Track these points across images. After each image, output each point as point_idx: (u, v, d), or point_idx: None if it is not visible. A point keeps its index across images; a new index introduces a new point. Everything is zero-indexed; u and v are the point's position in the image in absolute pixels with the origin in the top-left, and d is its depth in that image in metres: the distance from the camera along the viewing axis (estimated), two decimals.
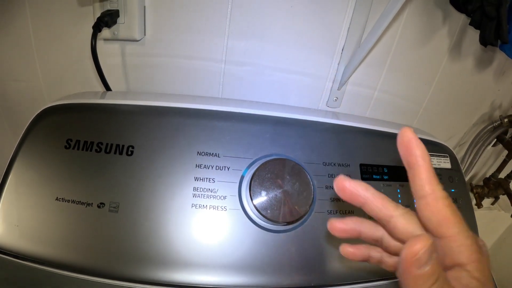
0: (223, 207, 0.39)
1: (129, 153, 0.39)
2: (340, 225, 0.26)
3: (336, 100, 0.61)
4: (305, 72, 0.60)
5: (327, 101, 0.62)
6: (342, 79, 0.58)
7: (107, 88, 0.57)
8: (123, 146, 0.39)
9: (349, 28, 0.56)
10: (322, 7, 0.53)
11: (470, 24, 0.57)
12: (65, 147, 0.39)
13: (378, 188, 0.44)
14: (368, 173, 0.44)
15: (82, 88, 0.61)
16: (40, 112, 0.41)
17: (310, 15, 0.54)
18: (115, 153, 0.39)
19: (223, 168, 0.40)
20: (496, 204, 0.92)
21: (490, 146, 0.75)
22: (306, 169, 0.41)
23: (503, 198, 0.86)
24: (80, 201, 0.37)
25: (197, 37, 0.55)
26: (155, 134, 0.40)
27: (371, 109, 0.66)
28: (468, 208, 0.53)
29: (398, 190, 0.46)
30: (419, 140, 0.23)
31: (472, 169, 0.80)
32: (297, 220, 0.38)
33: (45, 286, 0.38)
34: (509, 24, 0.58)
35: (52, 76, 0.59)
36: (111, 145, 0.39)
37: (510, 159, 0.82)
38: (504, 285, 0.98)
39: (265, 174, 0.39)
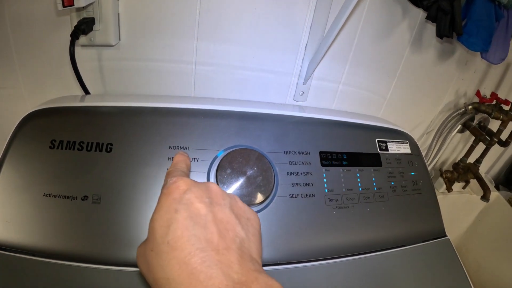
0: None
1: (108, 150, 0.44)
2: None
3: (302, 94, 0.68)
4: (272, 70, 0.66)
5: (294, 96, 0.69)
6: (307, 74, 0.65)
7: (86, 91, 0.62)
8: (102, 144, 0.44)
9: (311, 25, 0.62)
10: (285, 7, 0.60)
11: (427, 18, 0.64)
12: (50, 147, 0.44)
13: (338, 173, 0.52)
14: (327, 160, 0.51)
15: (62, 93, 0.66)
16: (25, 116, 0.46)
17: (274, 15, 0.60)
18: (95, 150, 0.44)
19: (193, 159, 0.46)
20: (468, 188, 1.00)
21: (455, 132, 0.83)
22: (268, 157, 0.47)
23: (474, 182, 0.94)
24: (66, 196, 0.42)
25: (169, 41, 0.61)
26: (131, 132, 0.46)
27: (337, 102, 0.73)
28: (429, 190, 0.60)
29: (358, 175, 0.53)
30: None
31: (440, 155, 0.88)
32: (260, 203, 0.44)
33: (38, 275, 0.42)
34: (463, 17, 0.65)
35: (32, 82, 0.64)
36: (92, 143, 0.44)
37: (477, 145, 0.90)
38: (480, 264, 1.06)
39: (229, 163, 0.45)
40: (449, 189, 0.93)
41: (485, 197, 0.88)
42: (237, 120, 0.50)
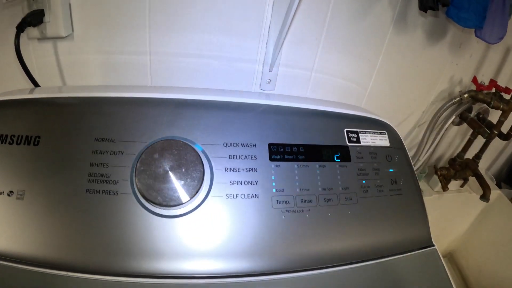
0: (114, 192, 0.36)
1: (36, 143, 0.38)
2: None
3: (269, 82, 0.56)
4: (233, 57, 0.55)
5: (260, 84, 0.57)
6: (273, 59, 0.53)
7: (36, 84, 0.54)
8: (31, 137, 0.38)
9: (273, 3, 0.50)
10: None
11: None
12: None
13: (292, 170, 0.39)
14: (278, 153, 0.39)
15: (10, 88, 0.59)
16: None
17: None
18: (24, 144, 0.38)
19: (117, 153, 0.37)
20: (466, 187, 0.85)
21: (449, 123, 0.69)
22: (201, 150, 0.36)
23: (473, 180, 0.79)
24: None
25: (121, 31, 0.52)
26: (58, 124, 0.39)
27: (311, 92, 0.60)
28: (412, 190, 0.47)
29: (318, 171, 0.40)
30: None
31: (434, 150, 0.73)
32: (183, 203, 0.33)
33: None
34: None
35: None
36: (21, 136, 0.38)
37: (475, 138, 0.75)
38: (482, 269, 0.90)
39: (151, 157, 0.34)
40: (444, 188, 0.78)
41: (484, 197, 0.73)
42: (171, 108, 0.40)
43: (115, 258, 0.35)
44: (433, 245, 0.46)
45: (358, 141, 0.45)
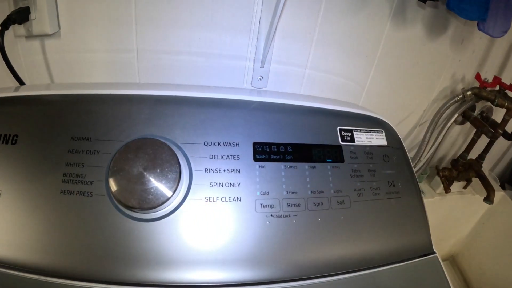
0: (89, 193, 0.34)
1: (14, 142, 0.36)
2: None
3: (261, 79, 0.53)
4: (223, 53, 0.52)
5: (252, 81, 0.54)
6: (264, 54, 0.49)
7: (21, 82, 0.52)
8: (9, 135, 0.37)
9: None
10: None
11: None
12: None
13: (278, 171, 0.36)
14: (263, 153, 0.36)
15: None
16: None
17: None
18: (2, 142, 0.36)
19: (93, 152, 0.35)
20: (469, 188, 0.80)
21: (451, 122, 0.64)
22: (180, 150, 0.33)
23: (476, 181, 0.75)
24: None
25: (107, 28, 0.50)
26: (36, 123, 0.37)
27: (305, 90, 0.56)
28: (412, 193, 0.44)
29: (307, 173, 0.37)
30: None
31: (435, 150, 0.69)
32: (157, 206, 0.30)
33: None
34: None
35: None
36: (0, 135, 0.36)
37: (479, 138, 0.71)
38: (484, 272, 0.86)
39: (126, 157, 0.31)
40: (447, 190, 0.74)
41: (488, 199, 0.68)
42: (150, 106, 0.37)
43: (86, 263, 0.32)
44: (434, 253, 0.42)
45: (352, 140, 0.41)
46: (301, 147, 0.38)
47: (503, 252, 0.83)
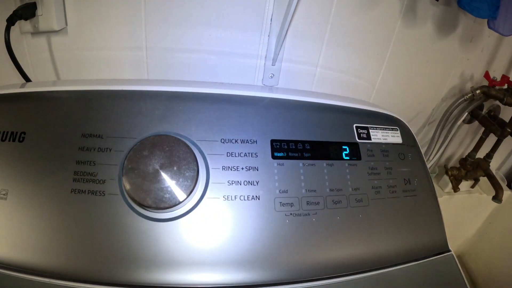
0: (101, 192, 0.33)
1: (21, 139, 0.35)
2: None
3: (272, 77, 0.52)
4: (233, 51, 0.51)
5: (263, 79, 0.53)
6: (275, 52, 0.49)
7: (27, 79, 0.51)
8: (16, 133, 0.35)
9: None
10: None
11: None
12: None
13: (297, 169, 0.35)
14: (282, 150, 0.35)
15: (2, 84, 0.55)
16: None
17: None
18: (9, 140, 0.35)
19: (105, 149, 0.34)
20: (477, 187, 0.79)
21: (460, 121, 0.64)
22: (196, 147, 0.31)
23: (484, 180, 0.74)
24: None
25: (116, 25, 0.49)
26: (44, 119, 0.36)
27: (316, 88, 0.56)
28: (427, 191, 0.43)
29: (325, 171, 0.36)
30: None
31: (445, 149, 0.68)
32: (174, 205, 0.29)
33: None
34: None
35: None
36: (7, 132, 0.35)
37: (487, 137, 0.70)
38: (491, 272, 0.85)
39: (140, 155, 0.30)
40: (455, 189, 0.73)
41: (497, 198, 0.68)
42: (163, 102, 0.35)
43: (99, 265, 0.31)
44: (449, 251, 0.41)
45: (368, 137, 0.40)
46: (319, 144, 0.37)
47: (510, 252, 0.82)
